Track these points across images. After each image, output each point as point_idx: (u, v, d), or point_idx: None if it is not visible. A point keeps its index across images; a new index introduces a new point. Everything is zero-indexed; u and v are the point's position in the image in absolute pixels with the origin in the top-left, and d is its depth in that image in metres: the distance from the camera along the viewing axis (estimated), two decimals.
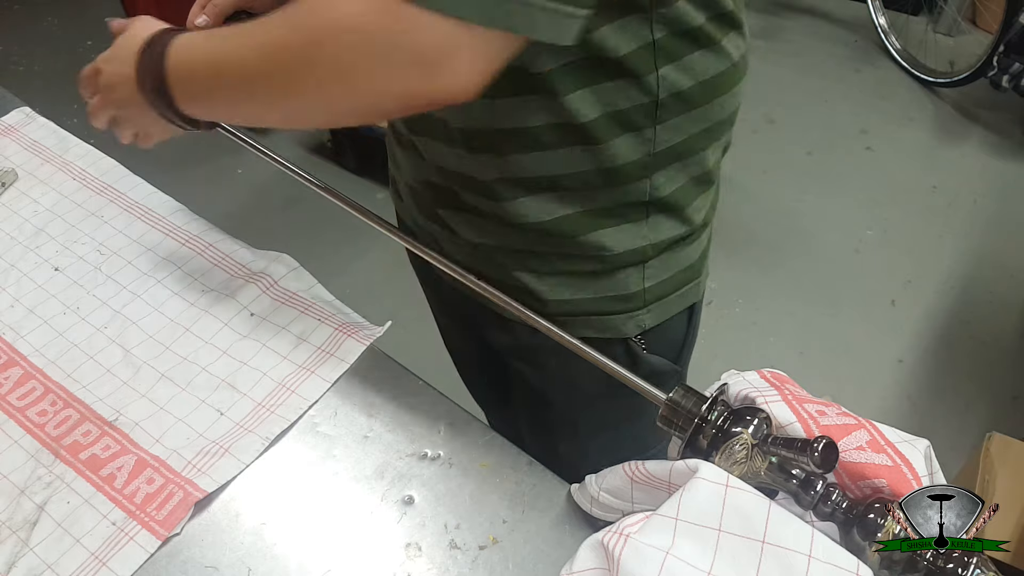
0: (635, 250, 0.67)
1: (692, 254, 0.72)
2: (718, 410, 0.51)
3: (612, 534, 0.48)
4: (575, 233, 0.66)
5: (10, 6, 3.06)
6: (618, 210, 0.65)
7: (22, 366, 0.72)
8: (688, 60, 0.59)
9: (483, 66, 0.47)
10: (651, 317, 0.72)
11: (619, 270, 0.69)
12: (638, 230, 0.67)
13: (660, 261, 0.69)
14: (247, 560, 0.59)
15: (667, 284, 0.71)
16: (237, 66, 0.55)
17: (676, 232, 0.68)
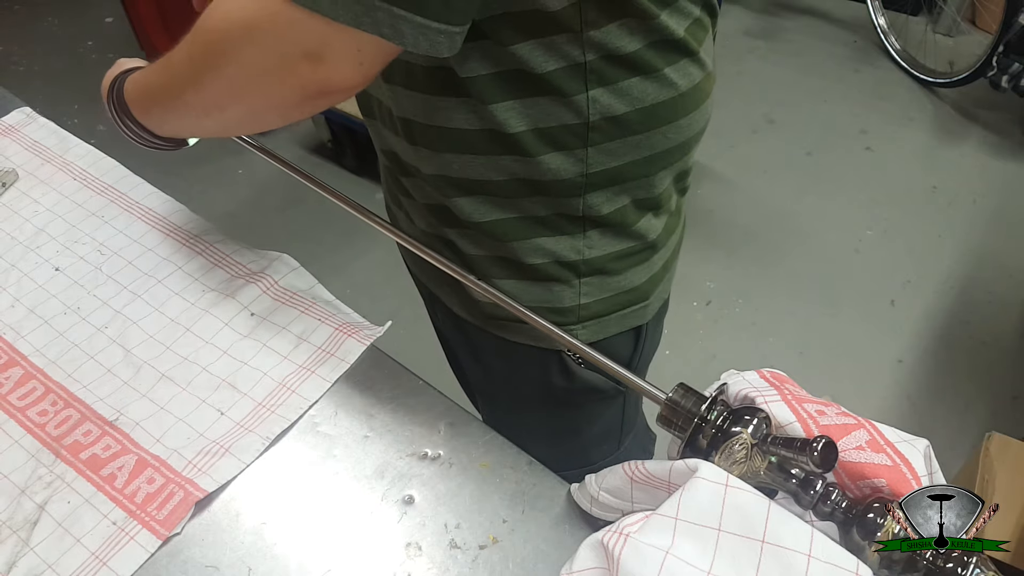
0: (568, 263, 0.67)
1: (635, 277, 0.70)
2: (718, 410, 0.51)
3: (612, 534, 0.48)
4: (509, 237, 0.65)
5: (10, 6, 3.06)
6: (553, 220, 0.64)
7: (22, 366, 0.72)
8: (623, 85, 0.57)
9: (360, 61, 0.49)
10: (587, 333, 0.71)
11: (553, 282, 0.68)
12: (573, 243, 0.66)
13: (597, 280, 0.68)
14: (247, 560, 0.59)
15: (605, 303, 0.70)
16: (161, 85, 0.62)
17: (614, 250, 0.67)
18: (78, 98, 2.61)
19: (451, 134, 0.60)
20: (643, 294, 0.72)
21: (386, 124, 0.67)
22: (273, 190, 2.30)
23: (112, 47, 2.84)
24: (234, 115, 0.58)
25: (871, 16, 2.83)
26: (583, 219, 0.64)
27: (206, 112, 0.59)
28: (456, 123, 0.60)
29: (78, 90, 2.65)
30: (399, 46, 0.48)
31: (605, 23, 0.53)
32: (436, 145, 0.62)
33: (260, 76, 0.51)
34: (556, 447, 0.79)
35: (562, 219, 0.64)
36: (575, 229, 0.65)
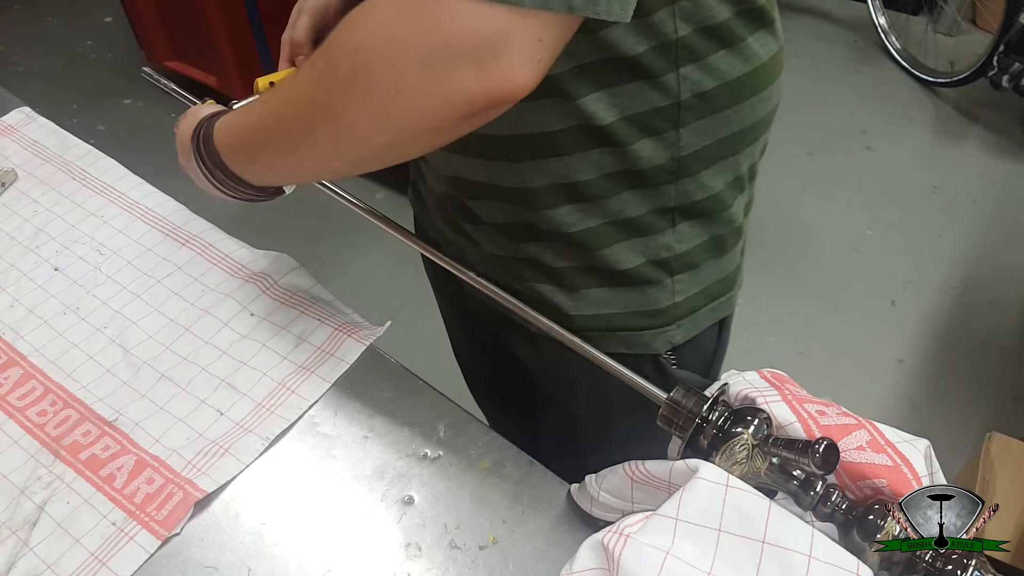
0: (660, 262, 0.65)
1: (725, 266, 0.70)
2: (719, 410, 0.51)
3: (612, 534, 0.48)
4: (598, 245, 0.64)
5: (10, 6, 3.06)
6: (642, 220, 0.63)
7: (22, 366, 0.72)
8: (711, 60, 0.56)
9: (541, 55, 0.44)
10: (681, 332, 0.69)
11: (645, 284, 0.66)
12: (664, 240, 0.64)
13: (689, 275, 0.67)
14: (247, 560, 0.59)
15: (697, 298, 0.69)
16: (276, 127, 0.54)
17: (704, 240, 0.66)
18: (78, 98, 2.62)
19: (535, 140, 0.58)
20: (731, 282, 0.72)
21: (451, 148, 0.60)
22: None
23: (112, 47, 2.84)
24: (372, 150, 0.50)
25: (871, 16, 2.82)
26: (673, 211, 0.63)
27: (338, 151, 0.51)
28: (541, 127, 0.58)
29: (78, 90, 2.65)
30: (590, 15, 0.43)
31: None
32: (519, 155, 0.60)
33: (418, 93, 0.44)
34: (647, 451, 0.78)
35: (651, 215, 0.63)
36: (664, 224, 0.64)
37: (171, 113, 2.91)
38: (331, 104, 0.48)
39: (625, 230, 0.63)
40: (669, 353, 0.70)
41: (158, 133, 2.52)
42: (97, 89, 2.66)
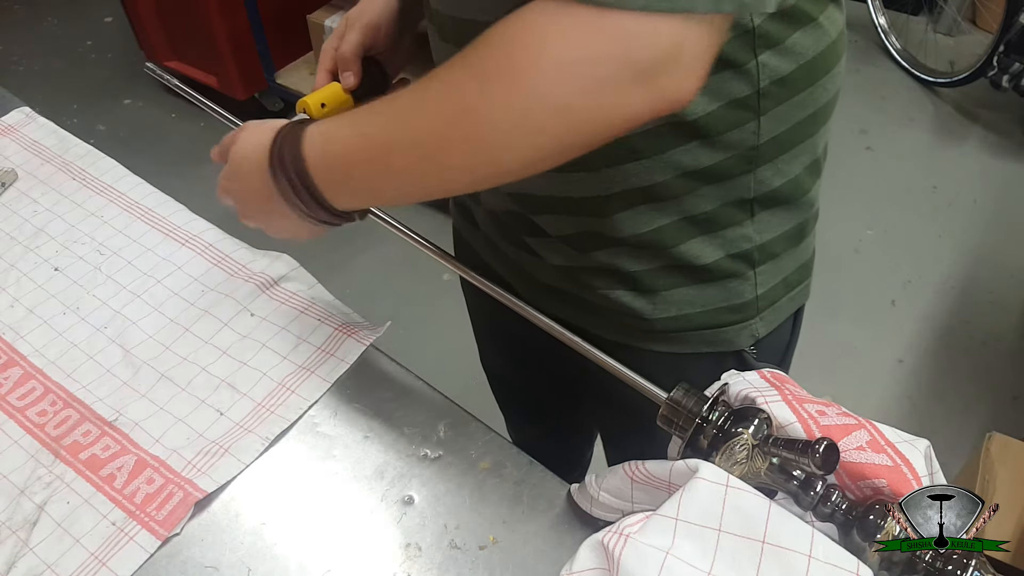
0: (741, 254, 0.63)
1: (803, 252, 0.68)
2: (719, 410, 0.51)
3: (612, 534, 0.48)
4: (675, 243, 0.62)
5: (10, 6, 3.06)
6: (720, 212, 0.61)
7: (22, 366, 0.72)
8: (788, 43, 0.55)
9: (706, 62, 0.43)
10: (764, 325, 0.68)
11: (728, 279, 0.64)
12: (743, 231, 0.63)
13: (771, 264, 0.66)
14: (247, 560, 0.59)
15: (779, 288, 0.67)
16: (407, 135, 0.49)
17: (784, 229, 0.65)
18: (78, 98, 2.61)
19: (612, 146, 0.52)
20: (808, 269, 0.70)
21: None
22: None
23: (112, 47, 2.84)
24: (509, 169, 0.47)
25: (871, 16, 2.82)
26: (752, 201, 0.61)
27: (472, 169, 0.48)
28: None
29: (78, 90, 2.65)
30: (761, 10, 0.42)
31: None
32: (594, 164, 0.57)
33: (584, 113, 0.43)
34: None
35: (729, 207, 0.61)
36: (743, 215, 0.62)
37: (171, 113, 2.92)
38: (477, 122, 0.45)
39: (702, 224, 0.61)
40: (752, 347, 0.69)
41: (158, 133, 2.52)
42: (97, 89, 2.66)
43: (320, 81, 0.75)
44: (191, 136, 2.48)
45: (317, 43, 2.16)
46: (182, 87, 0.79)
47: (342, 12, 2.12)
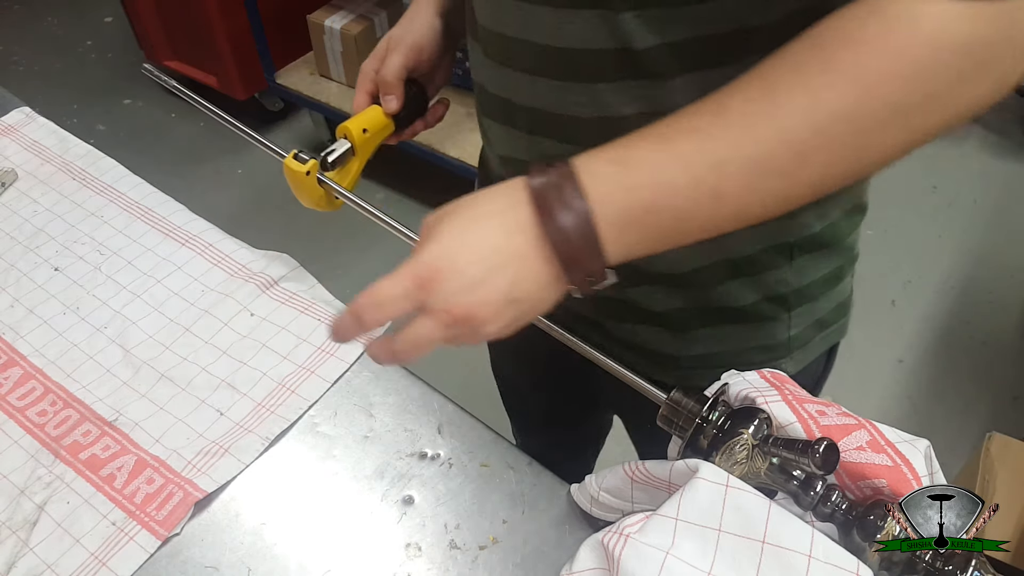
0: (777, 297, 0.62)
1: (840, 293, 0.67)
2: (719, 410, 0.51)
3: (612, 534, 0.48)
4: (711, 284, 0.61)
5: (10, 6, 3.06)
6: (760, 256, 0.60)
7: (22, 366, 0.72)
8: None
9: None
10: (793, 363, 0.67)
11: (762, 321, 0.63)
12: (781, 275, 0.61)
13: (807, 307, 0.64)
14: (247, 560, 0.59)
15: (812, 328, 0.66)
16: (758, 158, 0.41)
17: (823, 273, 0.63)
18: (78, 98, 2.61)
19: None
20: (845, 308, 0.69)
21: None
22: (273, 190, 2.30)
23: (112, 47, 2.85)
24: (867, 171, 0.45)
25: None
26: (792, 245, 0.60)
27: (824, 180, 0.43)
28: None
29: (78, 90, 2.65)
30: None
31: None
32: None
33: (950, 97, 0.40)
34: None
35: (770, 251, 0.60)
36: (782, 260, 0.60)
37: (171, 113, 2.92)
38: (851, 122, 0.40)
39: (741, 267, 0.60)
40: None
41: (158, 133, 2.53)
42: (97, 89, 2.66)
43: (359, 103, 0.73)
44: (191, 136, 2.48)
45: (317, 43, 2.16)
46: (179, 88, 0.79)
47: (342, 12, 2.12)
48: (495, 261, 0.43)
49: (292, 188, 0.70)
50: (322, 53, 2.17)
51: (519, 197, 0.44)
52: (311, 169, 0.68)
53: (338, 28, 2.08)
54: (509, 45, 0.56)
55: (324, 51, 2.16)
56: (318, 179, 0.68)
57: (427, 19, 0.71)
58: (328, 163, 0.69)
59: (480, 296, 0.44)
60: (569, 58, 0.52)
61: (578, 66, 0.53)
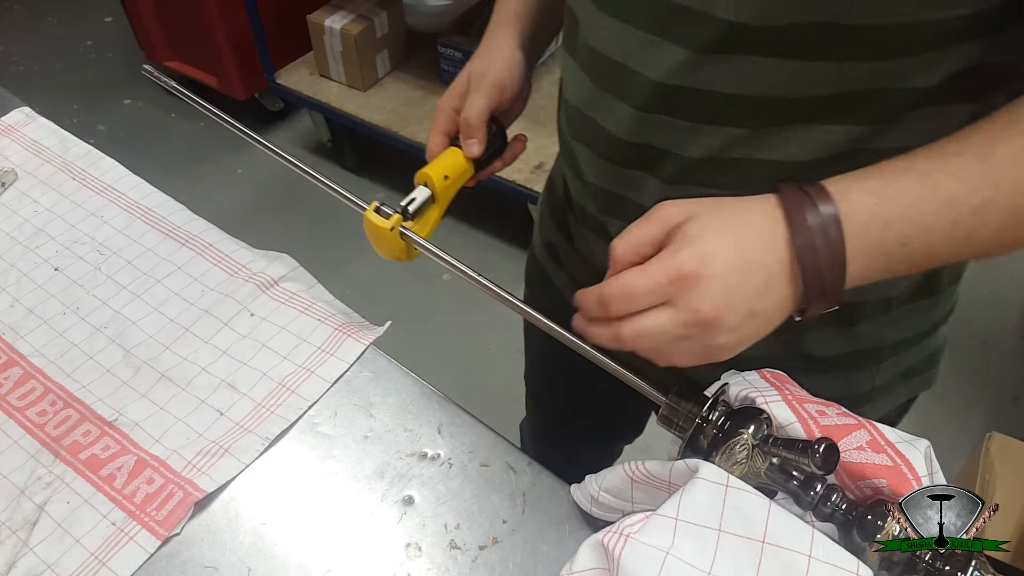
0: (868, 350, 0.60)
1: (933, 342, 0.65)
2: (719, 410, 0.51)
3: (612, 534, 0.48)
4: (800, 331, 0.58)
5: (10, 6, 3.06)
6: (857, 306, 0.58)
7: (22, 366, 0.72)
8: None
9: None
10: (873, 411, 0.64)
11: (847, 371, 0.62)
12: (874, 329, 0.59)
13: (897, 358, 0.62)
14: (247, 560, 0.59)
15: (900, 378, 0.64)
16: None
17: (919, 327, 0.61)
18: (78, 98, 2.62)
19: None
20: (935, 359, 0.66)
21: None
22: (273, 190, 2.30)
23: (112, 47, 2.85)
24: None
25: None
26: (891, 299, 0.58)
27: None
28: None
29: (78, 90, 2.65)
30: None
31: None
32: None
33: None
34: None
35: (869, 303, 0.58)
36: (880, 311, 0.58)
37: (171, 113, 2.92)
38: None
39: (835, 316, 0.53)
40: None
41: (158, 133, 2.53)
42: (97, 89, 2.66)
43: (435, 144, 0.69)
44: (191, 136, 2.48)
45: (317, 43, 2.16)
46: (179, 89, 0.79)
47: (342, 12, 2.12)
48: (749, 271, 0.44)
49: (370, 240, 0.65)
50: (322, 53, 2.17)
51: (775, 215, 0.45)
52: (395, 225, 0.63)
53: (338, 28, 2.08)
54: (622, 75, 0.53)
55: (324, 51, 2.16)
56: (401, 232, 0.64)
57: (508, 53, 0.68)
58: (409, 213, 0.65)
59: (730, 301, 0.44)
60: (705, 100, 0.50)
61: (712, 109, 0.50)
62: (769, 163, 0.51)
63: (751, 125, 0.51)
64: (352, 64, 2.13)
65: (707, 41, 0.48)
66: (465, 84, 0.68)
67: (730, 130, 0.51)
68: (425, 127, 2.03)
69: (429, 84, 2.17)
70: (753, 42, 0.46)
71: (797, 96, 0.48)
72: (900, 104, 0.47)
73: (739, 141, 0.51)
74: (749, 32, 0.46)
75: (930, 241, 0.43)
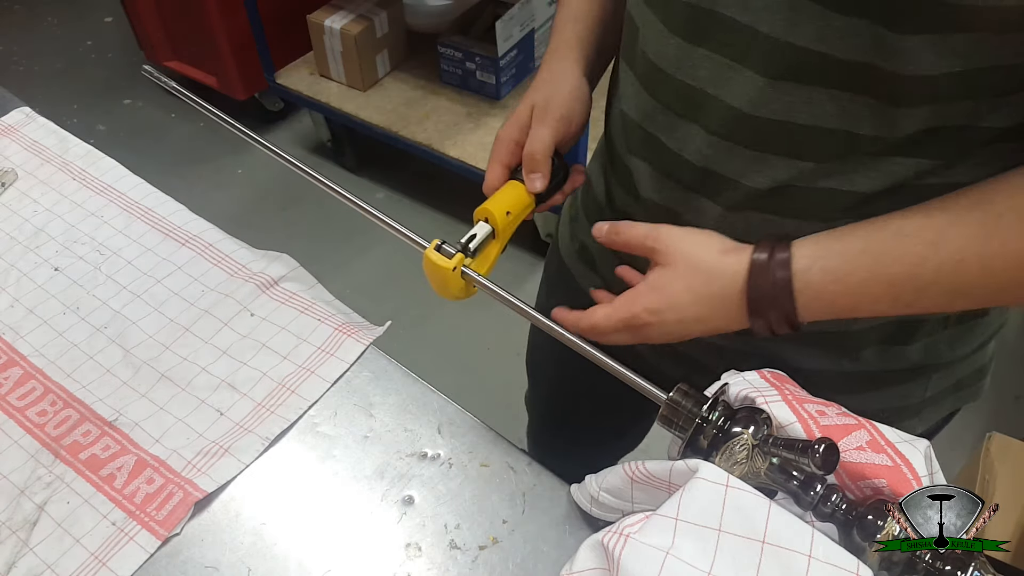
0: (921, 367, 0.60)
1: (981, 357, 0.64)
2: (719, 410, 0.51)
3: (612, 534, 0.48)
4: (857, 348, 0.59)
5: (10, 6, 3.06)
6: (914, 321, 0.58)
7: (22, 366, 0.72)
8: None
9: None
10: (921, 423, 0.64)
11: (899, 385, 0.61)
12: (930, 344, 0.59)
13: (946, 373, 0.62)
14: (247, 560, 0.59)
15: (949, 390, 0.64)
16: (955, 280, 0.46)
17: (977, 342, 0.61)
18: (78, 98, 2.62)
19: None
20: (984, 372, 0.66)
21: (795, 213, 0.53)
22: (273, 190, 2.30)
23: (112, 47, 2.85)
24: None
25: None
26: (948, 317, 0.57)
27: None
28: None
29: (78, 90, 2.65)
30: None
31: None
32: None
33: None
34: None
35: (926, 321, 0.57)
36: (937, 328, 0.58)
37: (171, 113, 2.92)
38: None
39: (895, 332, 0.57)
40: None
41: (158, 133, 2.53)
42: (97, 89, 2.66)
43: (495, 177, 0.65)
44: (191, 136, 2.48)
45: (317, 43, 2.16)
46: (179, 89, 0.79)
47: (342, 12, 2.12)
48: (698, 328, 0.53)
49: (429, 277, 0.63)
50: (322, 53, 2.17)
51: (737, 292, 0.51)
52: (457, 265, 0.61)
53: (338, 28, 2.08)
54: (694, 97, 0.52)
55: (324, 51, 2.16)
56: (462, 272, 0.61)
57: (573, 82, 0.64)
58: (470, 251, 0.62)
59: (674, 334, 0.55)
60: (781, 129, 0.50)
61: (788, 140, 0.50)
62: (833, 192, 0.51)
63: (821, 159, 0.50)
64: (352, 64, 2.13)
65: (781, 68, 0.47)
66: (527, 115, 0.64)
67: (797, 163, 0.50)
68: (425, 127, 2.03)
69: (429, 84, 2.17)
70: (826, 72, 0.46)
71: (874, 135, 0.48)
72: (972, 141, 0.47)
73: (807, 173, 0.51)
74: (820, 59, 0.46)
75: (874, 309, 0.49)
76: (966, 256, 0.45)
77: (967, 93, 0.44)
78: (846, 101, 0.47)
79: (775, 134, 0.50)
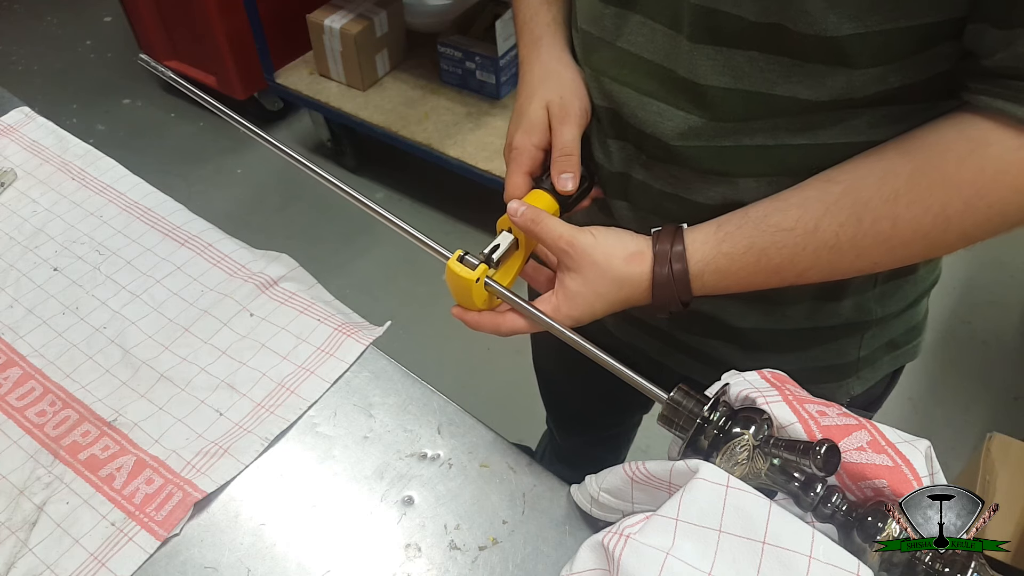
0: (854, 323, 0.62)
1: (915, 315, 0.66)
2: (719, 411, 0.51)
3: (612, 535, 0.48)
4: (791, 304, 0.61)
5: (10, 6, 3.06)
6: (846, 282, 0.60)
7: (21, 366, 0.72)
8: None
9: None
10: (860, 383, 0.67)
11: (835, 342, 0.63)
12: (861, 301, 0.61)
13: (880, 329, 0.64)
14: (247, 560, 0.59)
15: (883, 348, 0.66)
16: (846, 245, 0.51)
17: (908, 301, 0.63)
18: (77, 98, 2.61)
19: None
20: (918, 330, 0.68)
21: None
22: (272, 190, 2.30)
23: (112, 47, 2.84)
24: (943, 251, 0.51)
25: None
26: (876, 275, 0.60)
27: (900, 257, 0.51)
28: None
29: (78, 90, 2.65)
30: None
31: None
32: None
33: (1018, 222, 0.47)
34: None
35: (853, 280, 0.60)
36: (867, 285, 0.61)
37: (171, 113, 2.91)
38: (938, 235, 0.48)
39: (824, 289, 0.60)
40: (845, 402, 0.67)
41: (158, 133, 2.52)
42: (97, 89, 2.66)
43: (517, 188, 0.62)
44: (191, 136, 2.48)
45: (317, 43, 2.16)
46: (176, 79, 0.78)
47: (342, 12, 2.12)
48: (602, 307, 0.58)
49: (450, 288, 0.61)
50: (322, 53, 2.16)
51: (642, 293, 0.57)
52: (480, 276, 0.59)
53: (338, 28, 2.08)
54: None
55: (324, 51, 2.15)
56: (486, 283, 0.60)
57: (574, 70, 0.63)
58: (494, 262, 0.60)
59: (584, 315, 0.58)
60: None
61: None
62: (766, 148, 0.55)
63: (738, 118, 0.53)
64: (352, 64, 2.12)
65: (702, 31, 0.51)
66: (544, 117, 0.61)
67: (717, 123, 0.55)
68: (425, 127, 2.03)
69: (429, 84, 2.17)
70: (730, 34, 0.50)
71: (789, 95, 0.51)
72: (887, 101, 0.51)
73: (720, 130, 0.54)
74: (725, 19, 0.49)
75: (764, 288, 0.55)
76: (840, 240, 0.50)
77: (873, 57, 0.47)
78: (762, 62, 0.50)
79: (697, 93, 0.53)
